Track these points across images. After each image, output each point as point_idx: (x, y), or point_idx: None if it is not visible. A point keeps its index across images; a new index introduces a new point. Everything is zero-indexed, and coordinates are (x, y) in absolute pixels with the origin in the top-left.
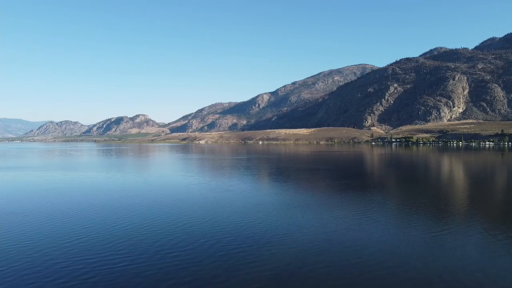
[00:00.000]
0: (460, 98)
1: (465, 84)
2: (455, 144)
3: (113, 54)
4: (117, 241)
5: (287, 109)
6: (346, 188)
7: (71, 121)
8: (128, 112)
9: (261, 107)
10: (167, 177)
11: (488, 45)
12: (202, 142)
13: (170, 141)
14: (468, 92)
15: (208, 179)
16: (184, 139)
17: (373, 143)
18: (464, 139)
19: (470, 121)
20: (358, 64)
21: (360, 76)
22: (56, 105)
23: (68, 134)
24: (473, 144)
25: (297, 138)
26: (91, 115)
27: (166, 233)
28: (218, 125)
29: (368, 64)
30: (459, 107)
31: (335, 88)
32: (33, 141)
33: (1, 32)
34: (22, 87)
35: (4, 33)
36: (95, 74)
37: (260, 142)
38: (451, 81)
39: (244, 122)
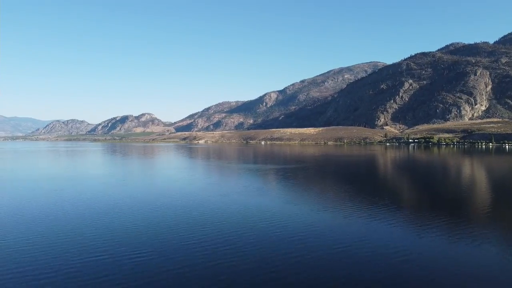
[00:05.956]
0: (482, 94)
1: (487, 80)
2: (484, 146)
3: (122, 53)
4: None
5: (295, 108)
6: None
7: (77, 120)
8: (135, 111)
9: (268, 106)
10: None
11: (510, 39)
12: (201, 142)
13: (170, 141)
14: (491, 88)
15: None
16: (184, 139)
17: (388, 143)
18: (494, 139)
19: (496, 119)
20: (370, 62)
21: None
22: (66, 104)
23: (73, 133)
24: (507, 146)
25: (303, 138)
26: (99, 113)
27: None
28: (224, 124)
29: (379, 62)
30: (481, 105)
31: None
32: (37, 139)
33: (12, 29)
34: (33, 86)
35: (15, 31)
36: (104, 73)
37: (263, 143)
38: (472, 77)
39: (251, 121)
